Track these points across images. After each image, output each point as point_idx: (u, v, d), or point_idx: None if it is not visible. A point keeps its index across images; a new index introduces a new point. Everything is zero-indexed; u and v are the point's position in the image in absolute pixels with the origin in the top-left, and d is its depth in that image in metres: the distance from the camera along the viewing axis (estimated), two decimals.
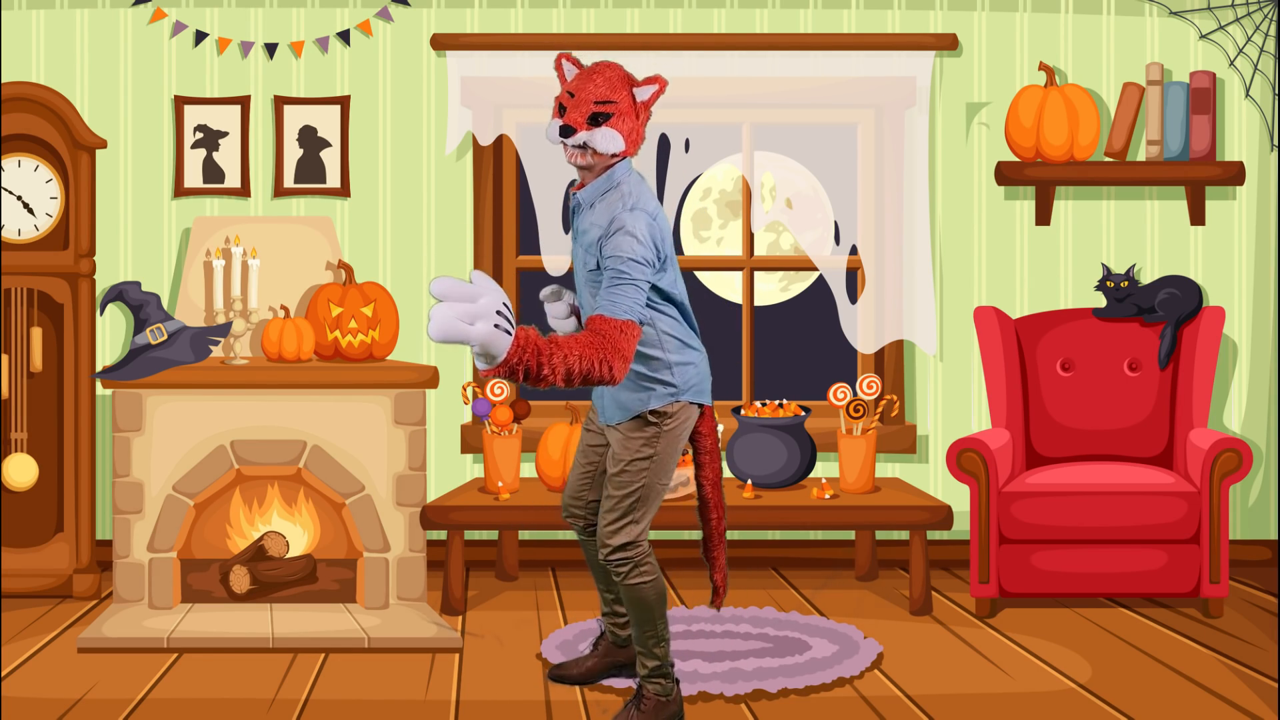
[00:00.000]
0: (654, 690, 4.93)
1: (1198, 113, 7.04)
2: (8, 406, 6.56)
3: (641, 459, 4.85)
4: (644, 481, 4.85)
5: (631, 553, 4.87)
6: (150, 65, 7.05)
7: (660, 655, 4.94)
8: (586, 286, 4.80)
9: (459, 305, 4.14)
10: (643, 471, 4.85)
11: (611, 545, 4.87)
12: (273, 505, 6.45)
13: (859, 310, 7.18)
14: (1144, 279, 7.13)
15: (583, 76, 4.71)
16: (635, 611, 4.92)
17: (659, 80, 4.72)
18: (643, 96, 4.70)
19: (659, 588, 4.91)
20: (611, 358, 4.40)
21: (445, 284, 4.14)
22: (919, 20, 7.13)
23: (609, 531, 4.88)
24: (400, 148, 7.11)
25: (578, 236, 4.82)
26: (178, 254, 7.05)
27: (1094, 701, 5.16)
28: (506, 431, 6.64)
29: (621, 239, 4.54)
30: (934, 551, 6.97)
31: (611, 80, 4.68)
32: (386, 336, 6.62)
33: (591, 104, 4.65)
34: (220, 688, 5.32)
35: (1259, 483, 7.23)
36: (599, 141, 4.65)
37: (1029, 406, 6.77)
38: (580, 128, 4.64)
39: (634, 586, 4.88)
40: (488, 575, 7.01)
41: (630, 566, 4.87)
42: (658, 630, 4.93)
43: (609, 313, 4.48)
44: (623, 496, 4.86)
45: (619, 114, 4.66)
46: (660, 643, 4.94)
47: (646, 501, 4.87)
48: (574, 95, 4.68)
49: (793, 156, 7.20)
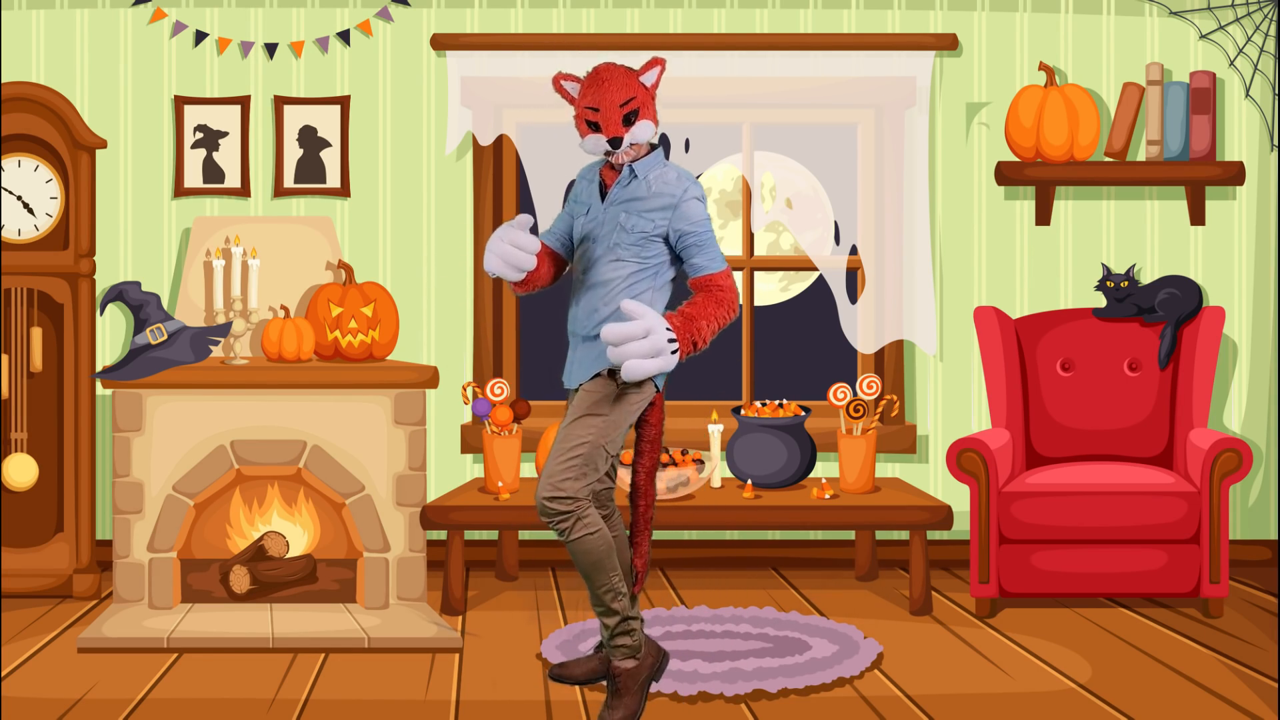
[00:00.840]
0: (621, 656, 4.94)
1: (1198, 113, 7.04)
2: (8, 406, 6.56)
3: (595, 415, 4.91)
4: (592, 438, 4.90)
5: (571, 507, 4.86)
6: (150, 65, 7.05)
7: (619, 609, 4.94)
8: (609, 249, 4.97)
9: (635, 345, 4.72)
10: (594, 427, 4.90)
11: (550, 499, 4.86)
12: (273, 505, 6.45)
13: (859, 310, 7.18)
14: (1144, 279, 7.13)
15: (594, 87, 4.95)
16: (585, 566, 4.91)
17: (658, 62, 5.01)
18: (649, 81, 4.99)
19: (605, 539, 4.91)
20: (731, 305, 4.90)
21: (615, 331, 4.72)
22: (919, 20, 7.13)
23: (551, 485, 4.86)
24: (400, 148, 7.11)
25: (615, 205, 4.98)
26: (178, 254, 7.05)
27: (1094, 701, 5.16)
28: (506, 431, 6.64)
29: (693, 205, 4.94)
30: (934, 551, 6.97)
31: (622, 80, 4.95)
32: (386, 336, 6.62)
33: (618, 108, 4.92)
34: (220, 688, 5.32)
35: (1259, 483, 7.23)
36: (640, 135, 4.96)
37: (1029, 406, 6.77)
38: (622, 134, 4.93)
39: (580, 540, 4.87)
40: (488, 575, 7.01)
41: (573, 520, 4.86)
42: (611, 583, 4.92)
43: (714, 269, 4.91)
44: (569, 449, 4.89)
45: (641, 105, 4.95)
46: (617, 596, 4.93)
47: (591, 460, 4.90)
48: (599, 109, 4.92)
49: (793, 156, 7.20)
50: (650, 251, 4.92)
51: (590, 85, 4.95)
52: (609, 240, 4.96)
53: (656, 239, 4.91)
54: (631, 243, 4.92)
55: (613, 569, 4.93)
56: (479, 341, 7.17)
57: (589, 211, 5.04)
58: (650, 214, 4.91)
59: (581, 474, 4.88)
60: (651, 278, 4.94)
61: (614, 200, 4.97)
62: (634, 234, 4.91)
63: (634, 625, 4.99)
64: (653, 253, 4.92)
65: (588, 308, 4.98)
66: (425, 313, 7.13)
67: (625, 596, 4.98)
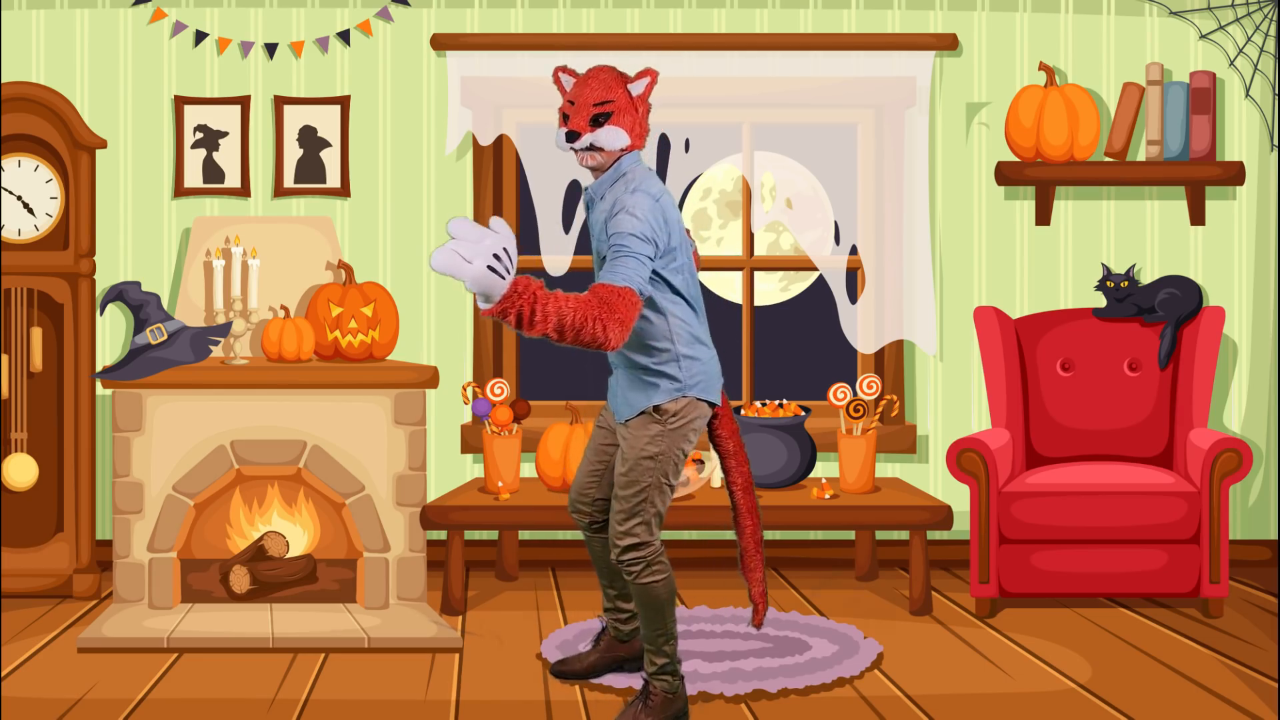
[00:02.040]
0: (661, 687, 4.94)
1: (1198, 113, 7.04)
2: (8, 406, 6.56)
3: (646, 457, 4.88)
4: (650, 480, 4.88)
5: (644, 552, 4.89)
6: (150, 65, 7.05)
7: (669, 653, 4.95)
8: None
9: (464, 244, 4.25)
10: (649, 470, 4.87)
11: (622, 545, 4.89)
12: (273, 505, 6.45)
13: (859, 310, 7.18)
14: (1144, 279, 7.13)
15: (578, 84, 4.90)
16: (646, 610, 4.92)
17: (650, 72, 4.90)
18: (637, 91, 4.88)
19: (670, 586, 4.93)
20: (606, 318, 4.42)
21: (461, 225, 4.27)
22: (919, 20, 7.13)
23: (620, 532, 4.90)
24: (400, 148, 7.11)
25: (594, 232, 4.95)
26: (178, 254, 7.05)
27: (1094, 701, 5.16)
28: (506, 431, 6.64)
29: (622, 217, 4.66)
30: (934, 551, 6.98)
31: (605, 81, 4.86)
32: (386, 336, 6.62)
33: (590, 107, 4.82)
34: (220, 688, 5.32)
35: (1259, 483, 7.23)
36: (604, 139, 4.82)
37: (1029, 406, 6.77)
38: (584, 131, 4.81)
39: (646, 586, 4.90)
40: (488, 575, 7.01)
41: (642, 566, 4.89)
42: (668, 628, 4.94)
43: (607, 280, 4.55)
44: (630, 495, 4.89)
45: (618, 111, 4.83)
46: (670, 640, 4.95)
47: (654, 500, 4.89)
48: (574, 103, 4.86)
49: (793, 156, 7.20)
50: None
51: (576, 81, 4.91)
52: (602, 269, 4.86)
53: None
54: None
55: (671, 616, 4.94)
56: (479, 341, 7.17)
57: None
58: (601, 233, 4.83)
59: (645, 516, 4.87)
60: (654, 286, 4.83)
61: (593, 223, 4.95)
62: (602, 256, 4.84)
63: (677, 668, 4.98)
64: None
65: None
66: (425, 313, 7.13)
67: (675, 641, 4.96)
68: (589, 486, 5.26)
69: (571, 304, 4.40)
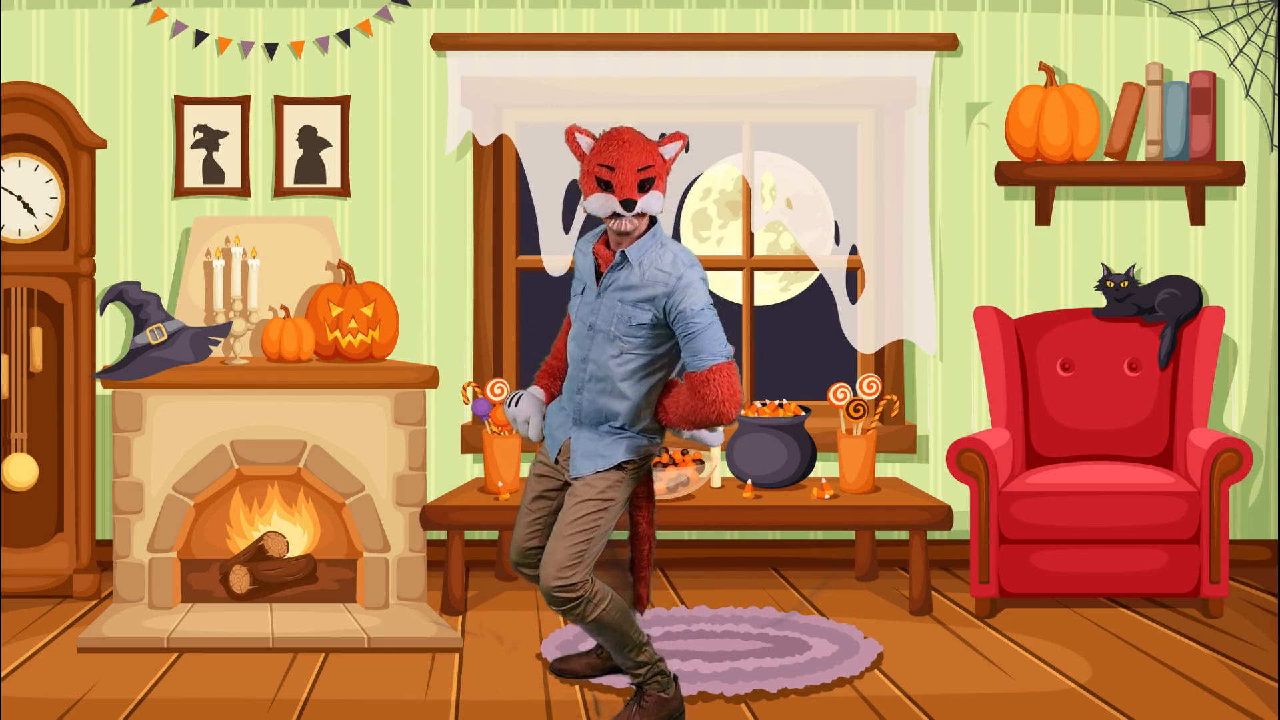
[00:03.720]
0: (655, 689, 4.94)
1: (1198, 113, 7.04)
2: (8, 406, 6.56)
3: (604, 500, 4.85)
4: (602, 523, 4.84)
5: (581, 591, 4.81)
6: (150, 65, 7.05)
7: (647, 658, 4.93)
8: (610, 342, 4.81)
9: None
10: (598, 520, 4.84)
11: (559, 585, 4.79)
12: (273, 505, 6.45)
13: (859, 310, 7.18)
14: (1144, 279, 7.13)
15: (615, 146, 4.76)
16: (606, 638, 4.89)
17: (681, 137, 4.85)
18: (669, 154, 4.82)
19: (616, 604, 4.87)
20: (710, 401, 4.69)
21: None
22: (919, 20, 7.13)
23: (559, 572, 4.79)
24: (400, 148, 7.11)
25: (609, 291, 4.81)
26: (178, 254, 7.05)
27: (1094, 701, 5.16)
28: (506, 431, 6.64)
29: (692, 292, 4.71)
30: (934, 551, 6.97)
31: (644, 146, 4.77)
32: (386, 336, 6.62)
33: (636, 172, 4.73)
34: (220, 688, 5.32)
35: (1259, 483, 7.23)
36: (652, 206, 4.78)
37: (1029, 406, 6.77)
38: (637, 198, 4.74)
39: (596, 617, 4.84)
40: (488, 575, 7.01)
41: (584, 604, 4.82)
42: (634, 639, 4.91)
43: (699, 365, 4.70)
44: (575, 538, 4.81)
45: (658, 175, 4.78)
46: (640, 649, 4.92)
47: (594, 548, 4.84)
48: (615, 169, 4.74)
49: (793, 156, 7.20)
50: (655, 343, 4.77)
51: (608, 144, 4.76)
52: (610, 331, 4.80)
53: (661, 327, 4.75)
54: (633, 335, 4.77)
55: (629, 626, 4.91)
56: (479, 341, 7.17)
57: (584, 292, 4.90)
58: (644, 303, 4.74)
59: (587, 562, 4.84)
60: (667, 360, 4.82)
61: (608, 286, 4.82)
62: (632, 325, 4.76)
63: (663, 665, 4.98)
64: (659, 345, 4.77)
65: (595, 405, 4.85)
66: (425, 313, 7.13)
67: (649, 645, 4.96)
68: (532, 538, 5.12)
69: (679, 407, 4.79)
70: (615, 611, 4.87)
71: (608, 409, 4.84)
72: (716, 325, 4.72)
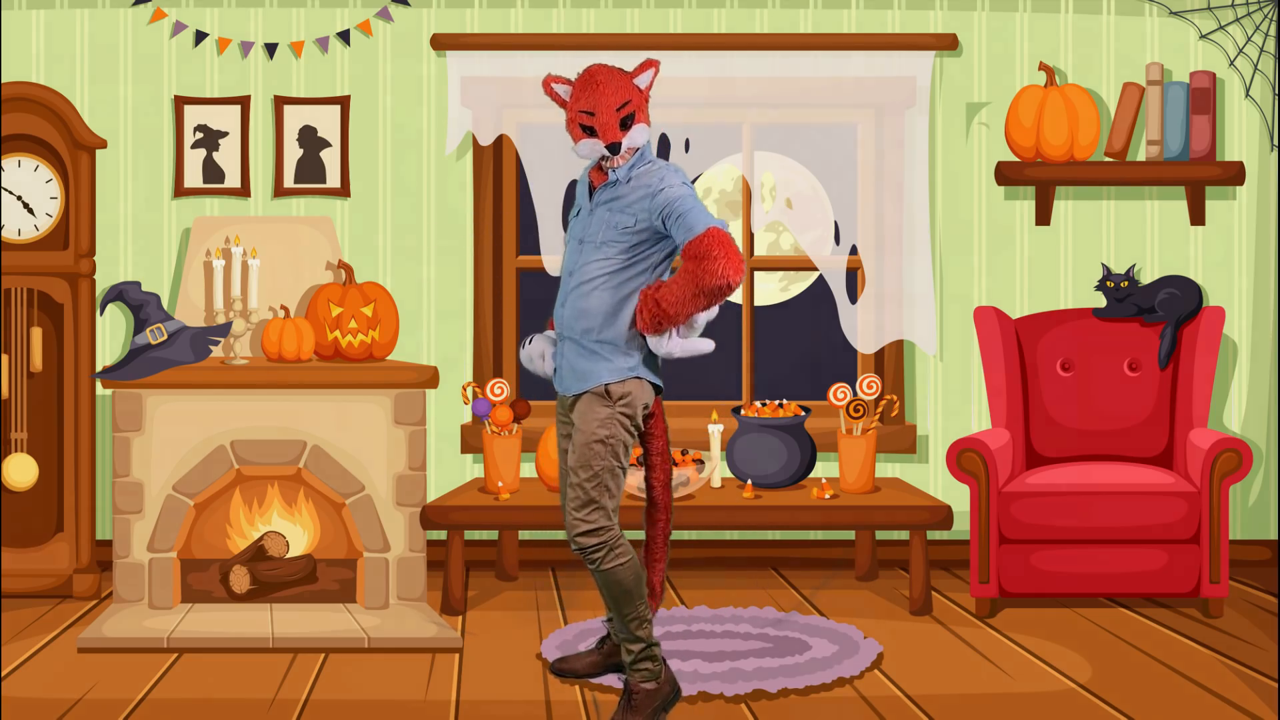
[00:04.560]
0: (641, 678, 4.95)
1: (1198, 113, 7.04)
2: (8, 406, 6.56)
3: (597, 440, 4.91)
4: (603, 464, 4.91)
5: (605, 537, 4.90)
6: (150, 65, 7.05)
7: (644, 636, 4.97)
8: (596, 249, 4.92)
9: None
10: (600, 454, 4.90)
11: (581, 531, 4.90)
12: (273, 505, 6.45)
13: (859, 310, 7.18)
14: (1144, 279, 7.13)
15: (591, 90, 4.90)
16: (613, 595, 4.94)
17: (652, 64, 4.98)
18: (644, 84, 4.95)
19: (635, 568, 4.94)
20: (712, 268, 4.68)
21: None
22: (919, 20, 7.13)
23: (577, 519, 4.91)
24: (400, 148, 7.11)
25: (601, 208, 4.94)
26: (178, 254, 7.05)
27: (1094, 701, 5.16)
28: (506, 431, 6.64)
29: (672, 189, 4.83)
30: (934, 551, 6.97)
31: (617, 82, 4.90)
32: (386, 336, 6.62)
33: (614, 112, 4.86)
34: (220, 688, 5.32)
35: (1259, 483, 7.23)
36: (636, 140, 4.91)
37: (1029, 406, 6.77)
38: (621, 139, 4.87)
39: (610, 571, 4.91)
40: (488, 575, 7.00)
41: (605, 550, 4.91)
42: (638, 611, 4.96)
43: (689, 236, 4.74)
44: (585, 480, 4.91)
45: (637, 108, 4.90)
46: (642, 624, 4.97)
47: (608, 484, 4.92)
48: (594, 113, 4.87)
49: (793, 156, 7.20)
50: (638, 250, 4.88)
51: (584, 88, 4.89)
52: (596, 239, 4.92)
53: (642, 233, 4.86)
54: (616, 239, 4.88)
55: (640, 597, 4.97)
56: (479, 341, 7.17)
57: (578, 214, 5.04)
58: (630, 207, 4.87)
59: (601, 501, 4.90)
60: (644, 275, 4.90)
61: (599, 201, 4.95)
62: (618, 230, 4.87)
63: (656, 651, 5.01)
64: (641, 252, 4.88)
65: (574, 308, 4.95)
66: (425, 313, 7.13)
67: (650, 624, 5.00)
68: None
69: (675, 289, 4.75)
70: (631, 573, 4.93)
71: (585, 311, 4.92)
72: (703, 207, 4.82)
